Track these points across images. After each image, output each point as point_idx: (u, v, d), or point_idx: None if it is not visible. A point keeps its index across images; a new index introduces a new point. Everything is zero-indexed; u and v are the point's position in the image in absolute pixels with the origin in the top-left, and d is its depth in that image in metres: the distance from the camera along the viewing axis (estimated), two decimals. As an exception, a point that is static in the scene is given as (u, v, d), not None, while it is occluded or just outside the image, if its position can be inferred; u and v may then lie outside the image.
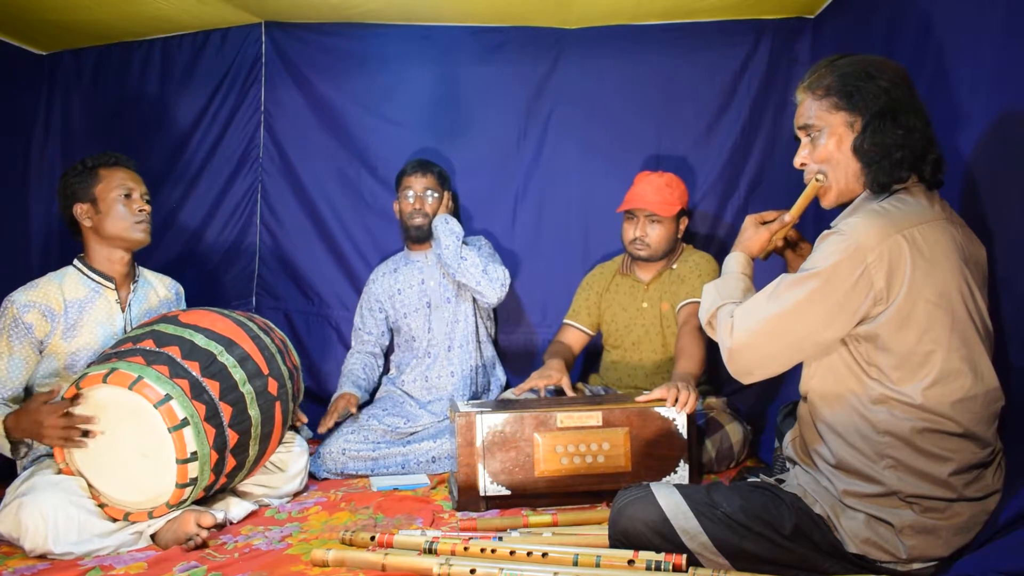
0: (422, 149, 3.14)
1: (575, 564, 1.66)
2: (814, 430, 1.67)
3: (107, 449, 1.91)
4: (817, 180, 1.65)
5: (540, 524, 2.01)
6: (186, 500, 1.93)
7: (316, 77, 3.20)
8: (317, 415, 2.92)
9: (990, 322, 1.59)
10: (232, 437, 1.97)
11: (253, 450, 2.06)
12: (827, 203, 1.68)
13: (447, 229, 2.80)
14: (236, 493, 2.23)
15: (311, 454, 2.57)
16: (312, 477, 2.53)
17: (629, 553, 1.64)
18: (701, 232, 3.10)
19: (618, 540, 1.72)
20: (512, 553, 1.71)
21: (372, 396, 2.99)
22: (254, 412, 2.02)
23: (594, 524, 2.00)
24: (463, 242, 2.80)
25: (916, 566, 1.54)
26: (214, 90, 3.22)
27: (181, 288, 2.53)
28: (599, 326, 2.92)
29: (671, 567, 1.59)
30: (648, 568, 1.60)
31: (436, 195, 2.88)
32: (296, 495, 2.36)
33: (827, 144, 1.62)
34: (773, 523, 1.60)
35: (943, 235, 1.53)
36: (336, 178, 3.24)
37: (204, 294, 2.91)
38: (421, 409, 2.81)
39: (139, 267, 2.39)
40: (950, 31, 2.01)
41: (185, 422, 1.86)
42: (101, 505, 1.92)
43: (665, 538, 1.65)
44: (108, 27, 3.08)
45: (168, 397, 1.85)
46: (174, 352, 1.95)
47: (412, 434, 2.71)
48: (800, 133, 1.68)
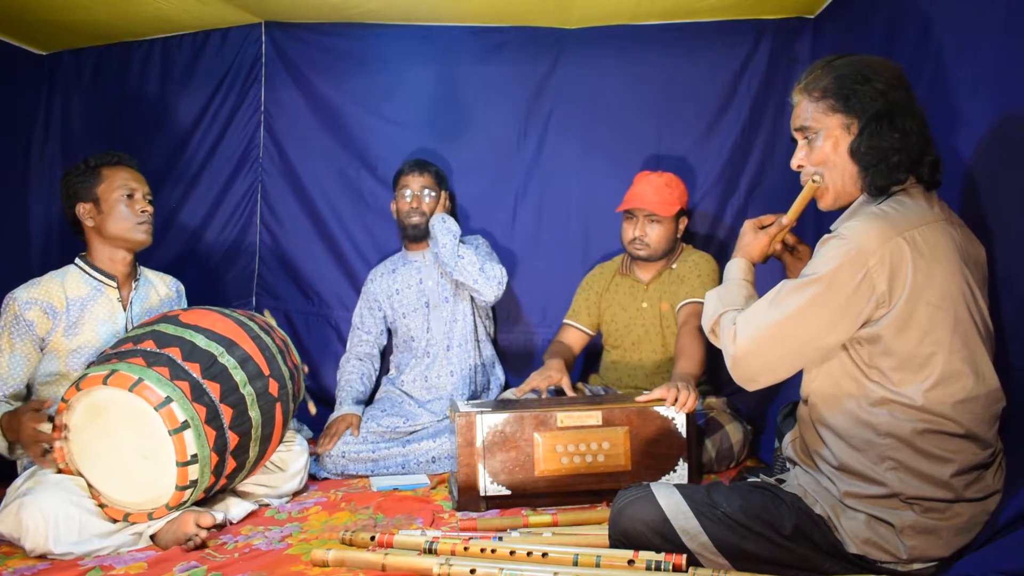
0: (422, 149, 3.14)
1: (575, 564, 1.66)
2: (815, 432, 1.67)
3: (107, 450, 1.91)
4: (814, 182, 1.65)
5: (540, 524, 2.02)
6: (186, 502, 1.93)
7: (316, 77, 3.20)
8: (316, 414, 2.93)
9: (991, 322, 1.59)
10: (233, 439, 1.97)
11: (253, 451, 2.06)
12: (824, 205, 1.68)
13: (444, 228, 2.80)
14: (236, 493, 2.23)
15: (312, 455, 2.57)
16: (312, 477, 2.53)
17: (629, 553, 1.65)
18: (701, 232, 3.10)
19: (618, 540, 1.72)
20: (512, 553, 1.71)
21: (371, 397, 2.99)
22: (255, 414, 2.02)
23: (594, 524, 2.00)
24: (460, 241, 2.81)
25: (916, 566, 1.54)
26: (214, 90, 3.22)
27: (182, 286, 2.53)
28: (599, 326, 2.92)
29: (671, 567, 1.59)
30: (648, 568, 1.60)
31: (433, 194, 2.88)
32: (296, 494, 2.36)
33: (824, 146, 1.62)
34: (773, 523, 1.60)
35: (943, 236, 1.53)
36: (336, 178, 3.24)
37: (204, 294, 2.91)
38: (420, 408, 2.81)
39: (140, 266, 2.39)
40: (950, 31, 2.01)
41: (185, 424, 1.85)
42: (101, 505, 1.92)
43: (665, 538, 1.65)
44: (108, 27, 3.08)
45: (168, 399, 1.85)
46: (175, 353, 1.95)
47: (411, 434, 2.71)
48: (797, 135, 1.68)
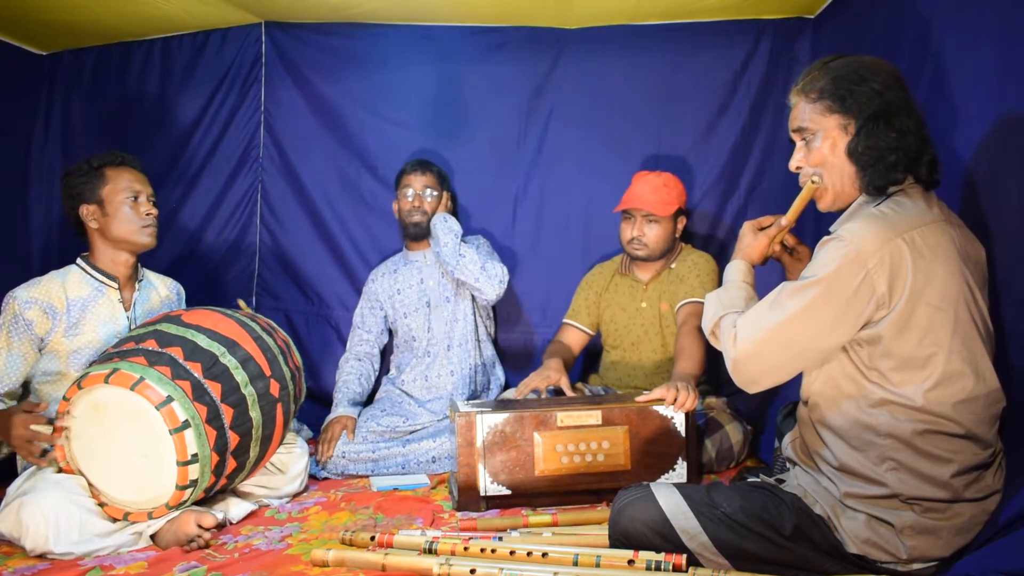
0: (422, 149, 3.14)
1: (575, 564, 1.66)
2: (816, 433, 1.67)
3: (107, 449, 1.91)
4: (813, 182, 1.65)
5: (540, 524, 2.02)
6: (186, 502, 1.93)
7: (316, 77, 3.20)
8: (316, 414, 2.93)
9: (990, 323, 1.59)
10: (233, 439, 1.97)
11: (254, 452, 2.06)
12: (823, 206, 1.68)
13: (445, 227, 2.80)
14: (236, 493, 2.23)
15: (311, 455, 2.57)
16: (312, 477, 2.53)
17: (629, 553, 1.65)
18: (701, 232, 3.10)
19: (618, 540, 1.72)
20: (512, 553, 1.72)
21: (371, 397, 2.99)
22: (256, 414, 2.02)
23: (594, 524, 2.00)
24: (462, 240, 2.81)
25: (916, 566, 1.54)
26: (214, 90, 3.22)
27: (182, 289, 2.53)
28: (598, 326, 2.92)
29: (671, 567, 1.59)
30: (648, 568, 1.60)
31: (435, 194, 2.89)
32: (296, 495, 2.36)
33: (821, 147, 1.62)
34: (773, 523, 1.60)
35: (943, 237, 1.53)
36: (336, 178, 3.24)
37: (204, 294, 2.91)
38: (420, 408, 2.81)
39: (142, 268, 2.39)
40: (950, 31, 2.01)
41: (186, 424, 1.86)
42: (101, 504, 1.93)
43: (665, 538, 1.65)
44: (108, 27, 3.09)
45: (169, 399, 1.85)
46: (176, 353, 1.95)
47: (411, 433, 2.71)
48: (795, 136, 1.68)
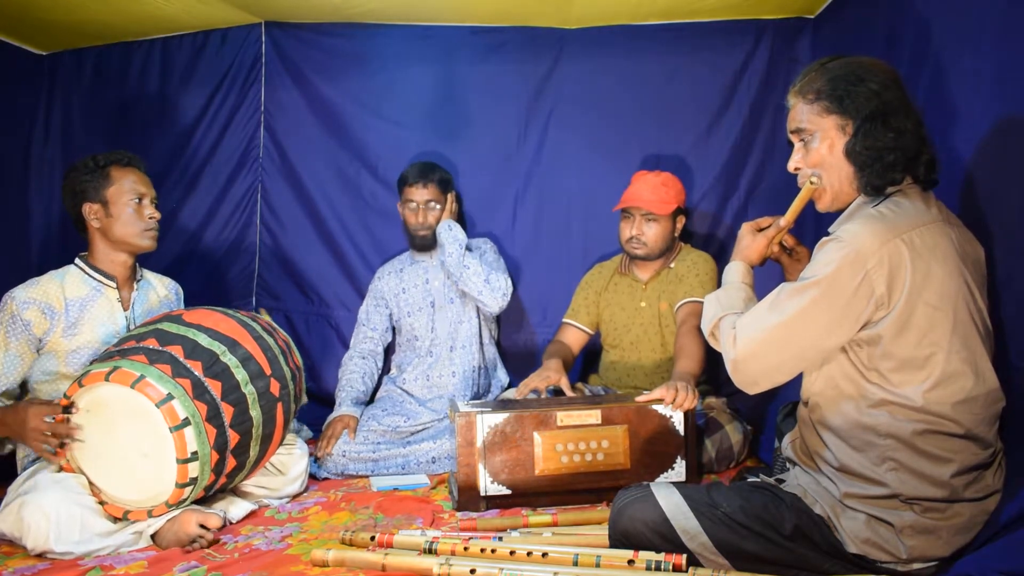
0: (424, 152, 3.13)
1: (575, 564, 1.66)
2: (816, 434, 1.67)
3: (108, 447, 1.91)
4: (812, 183, 1.65)
5: (540, 524, 2.02)
6: (186, 500, 1.93)
7: (316, 77, 3.20)
8: (317, 414, 2.93)
9: (990, 322, 1.59)
10: (233, 437, 1.97)
11: (254, 451, 2.06)
12: (822, 206, 1.68)
13: (451, 236, 2.80)
14: (236, 493, 2.23)
15: (312, 455, 2.57)
16: (312, 477, 2.53)
17: (629, 553, 1.65)
18: (701, 232, 3.10)
19: (618, 540, 1.72)
20: (512, 553, 1.72)
21: (372, 396, 2.99)
22: (256, 413, 2.02)
23: (594, 524, 2.00)
24: (467, 248, 2.80)
25: (916, 566, 1.54)
26: (214, 90, 3.22)
27: (180, 289, 2.53)
28: (598, 325, 2.92)
29: (671, 567, 1.59)
30: (648, 568, 1.60)
31: (439, 206, 2.87)
32: (296, 496, 2.36)
33: (819, 148, 1.62)
34: (773, 523, 1.60)
35: (941, 237, 1.53)
36: (336, 178, 3.23)
37: (204, 294, 2.91)
38: (421, 407, 2.81)
39: (141, 268, 2.39)
40: (950, 31, 2.01)
41: (186, 422, 1.86)
42: (102, 503, 1.93)
43: (665, 538, 1.65)
44: (108, 27, 3.08)
45: (170, 396, 1.85)
46: (177, 351, 1.95)
47: (413, 434, 2.71)
48: (793, 137, 1.69)
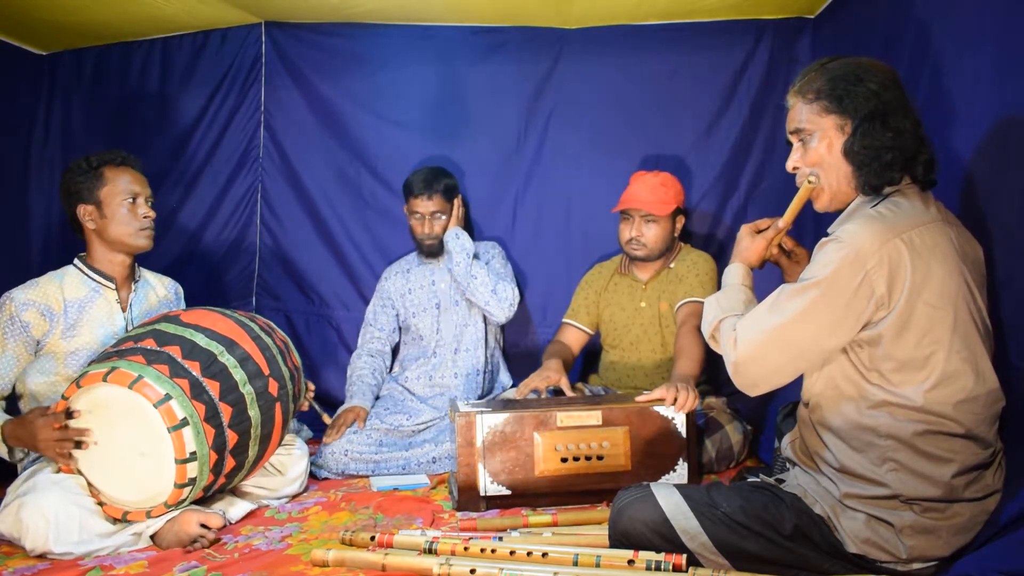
0: (425, 154, 3.12)
1: (575, 564, 1.66)
2: (816, 435, 1.67)
3: (107, 448, 1.91)
4: (809, 182, 1.65)
5: (540, 524, 2.02)
6: (184, 500, 1.93)
7: (316, 77, 3.20)
8: (316, 414, 2.93)
9: (989, 322, 1.59)
10: (232, 438, 1.97)
11: (253, 451, 2.06)
12: (820, 206, 1.68)
13: (458, 245, 2.80)
14: (235, 494, 2.23)
15: (312, 454, 2.57)
16: (313, 477, 2.53)
17: (629, 553, 1.65)
18: (700, 232, 3.10)
19: (618, 540, 1.72)
20: (512, 553, 1.71)
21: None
22: (254, 413, 2.02)
23: (594, 524, 2.00)
24: (474, 255, 2.80)
25: (916, 566, 1.54)
26: (214, 90, 3.22)
27: (180, 288, 2.53)
28: (598, 326, 2.92)
29: (671, 567, 1.59)
30: (648, 568, 1.60)
31: (445, 217, 2.87)
32: (295, 497, 2.36)
33: (818, 147, 1.62)
34: (773, 523, 1.60)
35: (941, 237, 1.53)
36: (336, 178, 3.23)
37: (204, 294, 2.91)
38: (423, 404, 2.81)
39: (139, 268, 2.39)
40: (950, 31, 2.01)
41: (184, 422, 1.86)
42: (101, 504, 1.93)
43: (665, 538, 1.65)
44: (108, 27, 3.08)
45: (168, 397, 1.85)
46: (175, 352, 1.95)
47: (415, 433, 2.70)
48: (792, 137, 1.69)
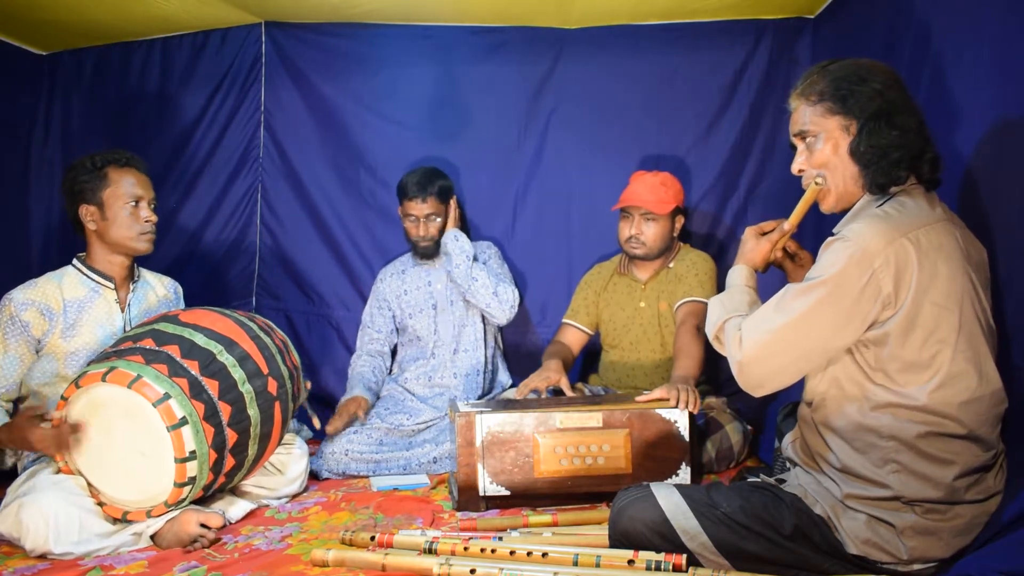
0: (424, 155, 3.12)
1: (575, 564, 1.66)
2: (819, 435, 1.66)
3: (106, 448, 1.91)
4: (817, 183, 1.65)
5: (540, 524, 2.01)
6: (184, 499, 1.93)
7: (316, 77, 3.20)
8: (317, 414, 2.92)
9: (993, 323, 1.59)
10: (231, 436, 1.96)
11: (252, 449, 2.06)
12: (826, 207, 1.67)
13: (458, 247, 2.79)
14: (235, 493, 2.23)
15: (312, 454, 2.57)
16: (313, 477, 2.52)
17: (629, 553, 1.64)
18: (700, 232, 3.10)
19: (618, 540, 1.72)
20: (512, 553, 1.71)
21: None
22: (253, 412, 2.02)
23: (594, 524, 2.00)
24: (473, 257, 2.80)
25: (917, 567, 1.53)
26: (214, 90, 3.22)
27: (180, 288, 2.52)
28: (598, 326, 2.91)
29: (671, 567, 1.59)
30: (648, 568, 1.60)
31: (439, 219, 2.86)
32: (295, 496, 2.35)
33: (824, 149, 1.62)
34: (773, 523, 1.60)
35: (947, 237, 1.53)
36: (336, 178, 3.23)
37: (204, 294, 2.91)
38: (423, 404, 2.81)
39: (139, 268, 2.39)
40: (950, 31, 2.01)
41: (184, 421, 1.85)
42: (100, 504, 1.92)
43: (665, 538, 1.65)
44: (108, 27, 3.08)
45: (167, 396, 1.85)
46: (173, 351, 1.95)
47: (415, 432, 2.70)
48: (796, 140, 1.68)
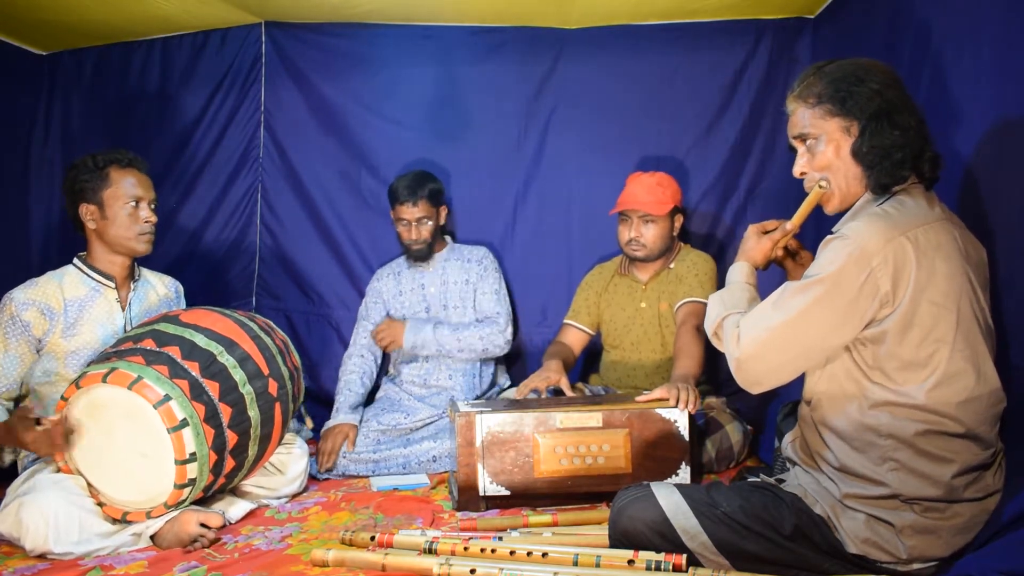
0: (427, 157, 3.12)
1: (575, 564, 1.66)
2: (817, 434, 1.66)
3: (106, 448, 1.91)
4: (820, 187, 1.65)
5: (540, 524, 2.02)
6: (184, 501, 1.93)
7: (316, 77, 3.20)
8: (316, 415, 2.92)
9: (992, 323, 1.59)
10: (231, 438, 1.97)
11: (252, 451, 2.06)
12: (831, 209, 1.67)
13: (422, 344, 2.81)
14: (235, 493, 2.23)
15: (312, 455, 2.57)
16: (313, 478, 2.53)
17: (629, 553, 1.64)
18: (700, 232, 3.10)
19: (618, 540, 1.72)
20: (512, 553, 1.71)
21: (371, 396, 2.98)
22: (254, 413, 2.02)
23: (594, 524, 2.00)
24: (436, 322, 2.83)
25: (916, 566, 1.54)
26: (214, 90, 3.22)
27: (181, 287, 2.52)
28: (599, 326, 2.92)
29: (671, 567, 1.59)
30: (648, 568, 1.60)
31: (431, 222, 2.86)
32: (295, 496, 2.35)
33: (825, 151, 1.61)
34: (773, 523, 1.60)
35: (945, 236, 1.53)
36: (336, 178, 3.23)
37: (204, 294, 2.91)
38: (420, 403, 2.81)
39: (139, 267, 2.39)
40: (950, 31, 2.01)
41: (184, 423, 1.85)
42: (100, 504, 1.92)
43: (665, 538, 1.65)
44: (108, 27, 3.08)
45: (167, 397, 1.85)
46: (174, 352, 1.95)
47: (413, 430, 2.70)
48: (796, 143, 1.68)
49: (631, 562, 1.62)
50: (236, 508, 2.13)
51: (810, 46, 2.97)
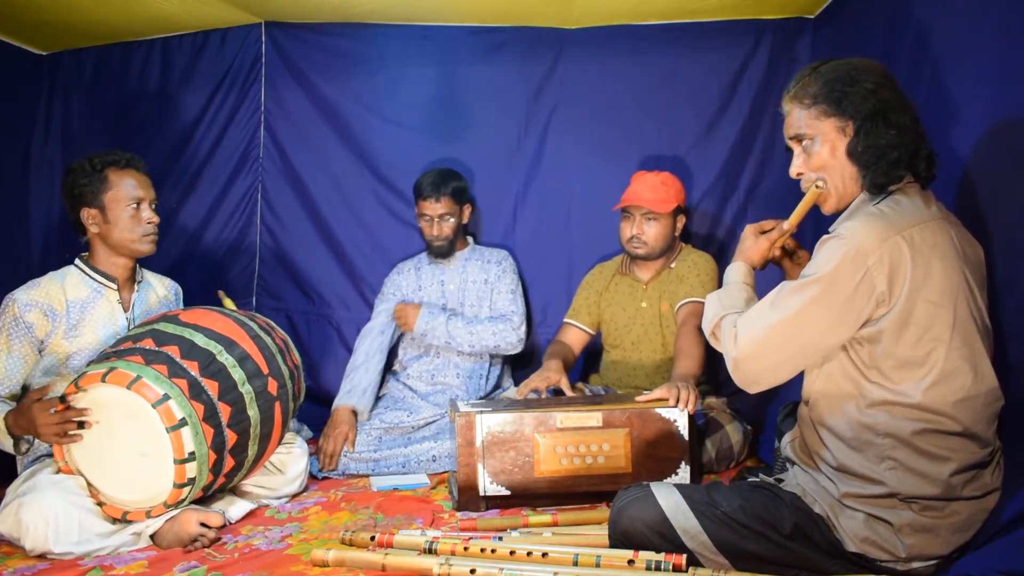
0: (427, 157, 3.11)
1: (575, 564, 1.66)
2: (816, 433, 1.67)
3: (105, 448, 1.91)
4: (817, 187, 1.65)
5: (540, 524, 2.02)
6: (184, 500, 1.93)
7: (316, 77, 3.20)
8: (317, 414, 2.93)
9: (989, 321, 1.59)
10: (231, 437, 1.97)
11: (252, 450, 2.06)
12: (828, 209, 1.67)
13: (437, 331, 2.80)
14: (235, 493, 2.23)
15: (312, 454, 2.57)
16: (312, 477, 2.53)
17: (629, 553, 1.64)
18: (700, 232, 3.10)
19: (618, 540, 1.72)
20: (512, 553, 1.71)
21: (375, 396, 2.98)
22: (253, 412, 2.02)
23: (594, 524, 2.00)
24: (451, 312, 2.82)
25: (915, 565, 1.54)
26: (214, 90, 3.22)
27: (180, 289, 2.53)
28: (599, 325, 2.92)
29: (671, 567, 1.59)
30: (648, 568, 1.60)
31: (453, 219, 2.87)
32: (295, 496, 2.36)
33: (821, 151, 1.62)
34: (773, 523, 1.60)
35: (941, 235, 1.54)
36: (337, 178, 3.24)
37: (205, 294, 2.90)
38: (423, 401, 2.81)
39: (141, 268, 2.38)
40: (950, 31, 2.01)
41: (183, 422, 1.85)
42: (100, 504, 1.93)
43: (665, 538, 1.65)
44: (108, 27, 3.09)
45: (166, 397, 1.85)
46: (173, 352, 1.95)
47: (415, 429, 2.70)
48: (792, 143, 1.68)
49: (631, 562, 1.63)
50: (236, 508, 2.13)
51: (810, 46, 2.97)
